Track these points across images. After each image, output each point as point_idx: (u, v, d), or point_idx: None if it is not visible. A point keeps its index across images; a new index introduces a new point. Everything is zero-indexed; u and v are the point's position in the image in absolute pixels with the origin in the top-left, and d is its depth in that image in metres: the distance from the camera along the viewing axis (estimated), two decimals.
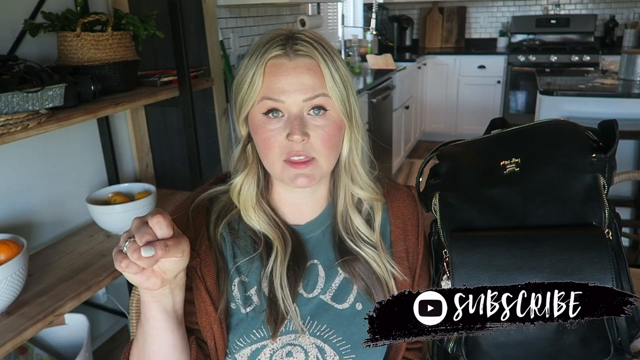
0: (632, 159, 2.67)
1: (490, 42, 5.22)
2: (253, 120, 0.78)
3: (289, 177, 0.77)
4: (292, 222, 0.86)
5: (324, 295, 0.83)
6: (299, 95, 0.74)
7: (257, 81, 0.75)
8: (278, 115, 0.76)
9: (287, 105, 0.75)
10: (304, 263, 0.83)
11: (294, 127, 0.73)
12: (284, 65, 0.75)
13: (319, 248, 0.85)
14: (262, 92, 0.75)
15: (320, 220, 0.86)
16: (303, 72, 0.75)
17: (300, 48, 0.75)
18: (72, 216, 1.82)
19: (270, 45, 0.75)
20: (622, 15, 4.81)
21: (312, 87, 0.75)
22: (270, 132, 0.75)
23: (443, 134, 4.86)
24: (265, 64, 0.75)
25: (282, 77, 0.74)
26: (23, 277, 1.28)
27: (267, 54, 0.75)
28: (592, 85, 2.68)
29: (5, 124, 1.17)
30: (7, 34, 1.55)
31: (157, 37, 1.69)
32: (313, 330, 0.81)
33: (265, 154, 0.77)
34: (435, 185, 0.85)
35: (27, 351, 1.57)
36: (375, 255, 0.84)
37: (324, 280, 0.84)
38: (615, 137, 0.77)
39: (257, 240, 0.82)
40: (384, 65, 4.02)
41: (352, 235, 0.85)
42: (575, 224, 0.73)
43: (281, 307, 0.78)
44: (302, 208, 0.86)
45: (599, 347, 0.73)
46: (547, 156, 0.77)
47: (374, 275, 0.84)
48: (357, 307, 0.83)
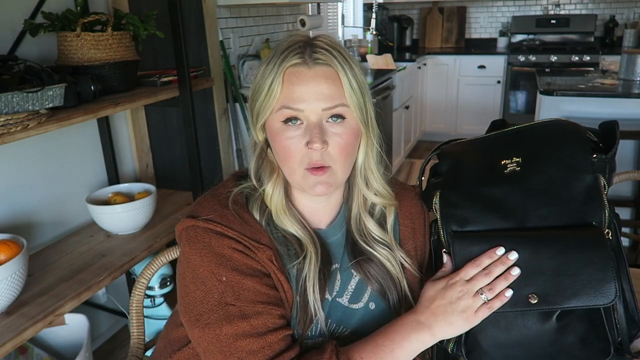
0: (632, 159, 2.67)
1: (490, 42, 5.22)
2: (271, 128, 0.78)
3: (309, 185, 0.77)
4: (314, 226, 0.86)
5: (340, 298, 0.83)
6: (319, 104, 0.74)
7: (275, 89, 0.75)
8: (296, 123, 0.76)
9: (306, 113, 0.75)
10: (330, 267, 0.83)
11: (314, 136, 0.74)
12: (302, 74, 0.75)
13: (340, 251, 0.86)
14: (281, 101, 0.75)
15: (339, 223, 0.87)
16: (322, 81, 0.75)
17: (319, 56, 0.75)
18: (72, 216, 1.82)
19: (289, 53, 0.75)
20: (622, 15, 4.81)
21: (331, 97, 0.75)
22: (290, 140, 0.75)
23: (443, 134, 4.85)
24: (284, 72, 0.75)
25: (301, 85, 0.74)
26: (23, 277, 1.28)
27: (285, 62, 0.75)
28: (592, 85, 2.68)
29: (5, 124, 1.17)
30: (7, 34, 1.54)
31: (157, 37, 1.69)
32: (332, 331, 0.82)
33: (286, 161, 0.77)
34: (436, 184, 0.85)
35: (27, 351, 1.57)
36: (388, 255, 0.86)
37: (340, 282, 0.84)
38: (615, 138, 0.77)
39: (288, 243, 0.81)
40: (384, 65, 4.01)
41: (366, 236, 0.86)
42: (576, 224, 0.73)
43: (311, 309, 0.78)
44: (319, 212, 0.86)
45: (599, 347, 0.73)
46: (548, 156, 0.77)
47: (387, 276, 0.85)
48: (370, 307, 0.85)
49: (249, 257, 0.76)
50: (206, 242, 0.76)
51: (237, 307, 0.73)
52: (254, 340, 0.72)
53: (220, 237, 0.76)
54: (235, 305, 0.73)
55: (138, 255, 1.56)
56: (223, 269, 0.74)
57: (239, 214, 0.79)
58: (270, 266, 0.77)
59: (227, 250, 0.75)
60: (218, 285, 0.74)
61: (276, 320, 0.75)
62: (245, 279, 0.74)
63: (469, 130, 4.81)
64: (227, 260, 0.75)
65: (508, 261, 0.71)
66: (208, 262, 0.75)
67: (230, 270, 0.74)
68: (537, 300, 0.70)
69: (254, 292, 0.74)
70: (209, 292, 0.74)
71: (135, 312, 1.23)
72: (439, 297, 0.74)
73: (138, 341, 1.23)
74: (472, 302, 0.72)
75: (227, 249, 0.75)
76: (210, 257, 0.75)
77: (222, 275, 0.74)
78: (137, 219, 1.65)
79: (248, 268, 0.75)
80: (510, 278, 0.71)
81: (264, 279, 0.76)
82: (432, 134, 5.12)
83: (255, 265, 0.76)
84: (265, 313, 0.74)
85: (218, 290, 0.74)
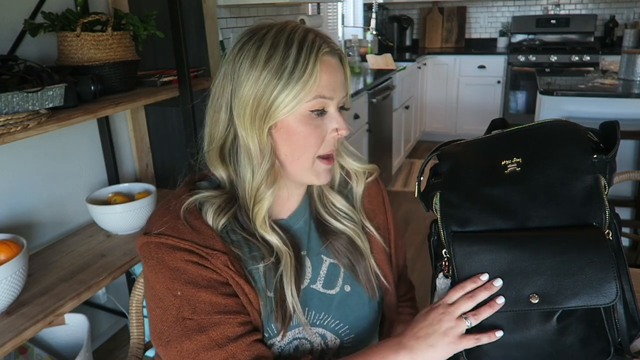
0: (632, 159, 2.67)
1: (490, 42, 5.22)
2: (292, 121, 0.74)
3: (317, 173, 0.79)
4: (276, 216, 0.85)
5: (314, 285, 0.84)
6: (341, 93, 0.77)
7: (314, 78, 0.72)
8: (322, 114, 0.76)
9: (334, 102, 0.76)
10: (300, 257, 0.84)
11: (342, 122, 0.77)
12: (332, 63, 0.75)
13: (305, 237, 0.86)
14: (317, 90, 0.73)
15: (300, 209, 0.87)
16: (339, 70, 0.77)
17: (334, 46, 0.76)
18: (72, 216, 1.82)
19: (321, 42, 0.74)
20: (622, 15, 4.81)
21: (344, 86, 0.78)
22: (317, 130, 0.76)
23: (443, 134, 4.85)
24: (320, 61, 0.73)
25: (333, 74, 0.75)
26: (23, 277, 1.28)
27: (320, 51, 0.73)
28: (592, 85, 2.68)
29: (5, 124, 1.17)
30: (7, 34, 1.54)
31: (157, 37, 1.69)
32: (312, 320, 0.83)
33: (303, 152, 0.77)
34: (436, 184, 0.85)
35: (27, 351, 1.57)
36: (357, 229, 0.88)
37: (311, 269, 0.85)
38: (616, 138, 0.77)
39: (250, 244, 0.79)
40: (384, 65, 4.01)
41: (332, 212, 0.88)
42: (576, 225, 0.73)
43: (289, 305, 0.78)
44: (286, 201, 0.86)
45: (599, 347, 0.73)
46: (549, 156, 0.77)
47: (357, 252, 0.87)
48: (345, 290, 0.86)
49: (203, 266, 0.74)
50: (159, 257, 0.75)
51: (194, 321, 0.72)
52: (216, 352, 0.71)
53: (173, 250, 0.74)
54: (192, 319, 0.72)
55: (138, 255, 1.56)
56: (178, 283, 0.73)
57: (190, 223, 0.77)
58: (226, 272, 0.75)
59: (180, 263, 0.74)
60: (174, 300, 0.73)
61: (236, 329, 0.73)
62: (200, 291, 0.73)
63: (469, 130, 4.81)
64: (181, 274, 0.74)
65: (492, 287, 0.71)
66: (163, 277, 0.74)
67: (185, 283, 0.73)
68: (538, 300, 0.70)
69: (210, 304, 0.73)
70: (166, 309, 0.74)
71: (135, 312, 1.23)
72: (422, 320, 0.74)
73: (138, 341, 1.23)
74: (454, 325, 0.71)
75: (181, 261, 0.74)
76: (165, 272, 0.74)
77: (177, 289, 0.73)
78: (137, 219, 1.65)
79: (203, 279, 0.74)
80: (496, 307, 0.70)
81: (220, 288, 0.74)
82: (432, 134, 5.12)
83: (210, 275, 0.74)
84: (223, 323, 0.73)
85: (175, 306, 0.73)
